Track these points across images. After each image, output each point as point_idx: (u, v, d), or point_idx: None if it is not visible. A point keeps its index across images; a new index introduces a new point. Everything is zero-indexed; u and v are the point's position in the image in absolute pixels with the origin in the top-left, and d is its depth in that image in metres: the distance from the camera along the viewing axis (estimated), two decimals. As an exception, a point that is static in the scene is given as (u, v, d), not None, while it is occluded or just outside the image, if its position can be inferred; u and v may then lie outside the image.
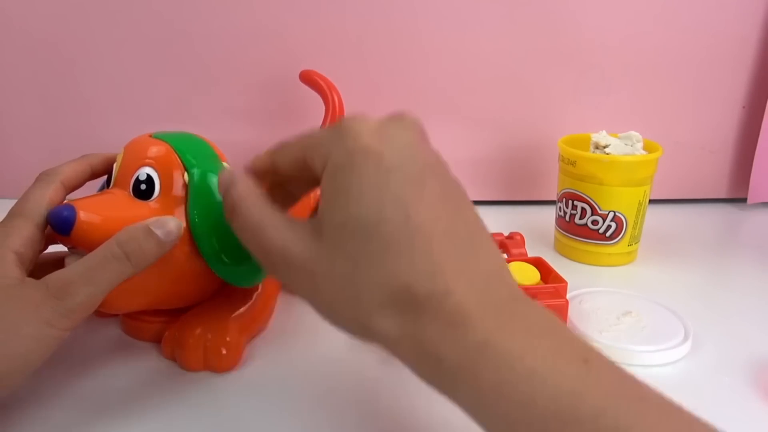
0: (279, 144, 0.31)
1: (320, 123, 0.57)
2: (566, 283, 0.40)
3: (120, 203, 0.34)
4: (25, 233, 0.32)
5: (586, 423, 0.21)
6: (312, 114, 0.58)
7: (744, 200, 0.66)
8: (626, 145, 0.51)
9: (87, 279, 0.30)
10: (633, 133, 0.51)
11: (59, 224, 0.32)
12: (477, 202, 0.32)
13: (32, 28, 0.59)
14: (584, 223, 0.51)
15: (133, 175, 0.35)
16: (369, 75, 0.61)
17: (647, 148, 0.52)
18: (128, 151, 0.37)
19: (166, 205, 0.35)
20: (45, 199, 0.33)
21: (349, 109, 0.62)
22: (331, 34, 0.60)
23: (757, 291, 0.47)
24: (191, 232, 0.35)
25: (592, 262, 0.51)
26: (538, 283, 0.41)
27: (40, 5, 0.58)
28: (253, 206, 0.28)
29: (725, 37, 0.61)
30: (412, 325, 0.24)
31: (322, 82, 0.57)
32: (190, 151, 0.37)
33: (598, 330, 0.39)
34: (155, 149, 0.36)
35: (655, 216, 0.56)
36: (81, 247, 0.32)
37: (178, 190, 0.36)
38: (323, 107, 0.57)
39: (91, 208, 0.32)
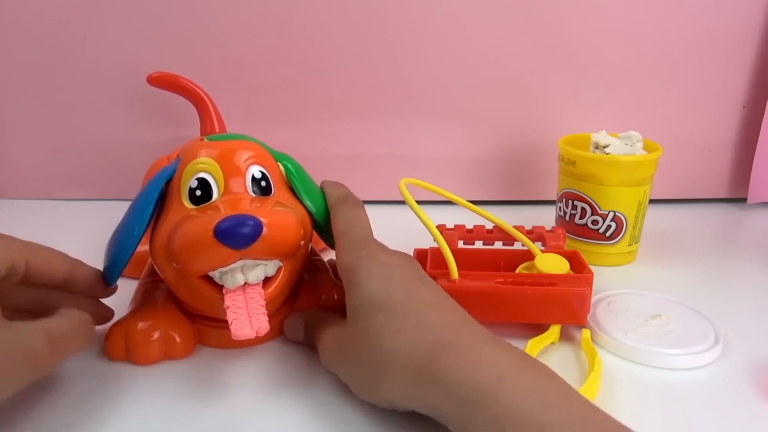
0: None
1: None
2: (592, 274, 0.39)
3: (268, 206, 0.34)
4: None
5: None
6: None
7: (744, 200, 0.66)
8: (626, 145, 0.51)
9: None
10: (633, 133, 0.51)
11: (249, 235, 0.30)
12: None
13: (32, 28, 0.59)
14: (584, 223, 0.51)
15: (243, 177, 0.35)
16: (369, 75, 0.61)
17: (647, 148, 0.52)
18: (222, 156, 0.35)
19: (284, 197, 0.36)
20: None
21: (349, 109, 0.62)
22: (330, 34, 0.60)
23: (758, 291, 0.48)
24: (310, 217, 0.37)
25: (592, 262, 0.51)
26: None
27: (41, 5, 0.58)
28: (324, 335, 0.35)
29: (725, 37, 0.61)
30: (427, 364, 0.27)
31: (187, 85, 0.53)
32: (265, 147, 0.38)
33: (623, 331, 0.39)
34: (253, 148, 0.36)
35: (655, 216, 0.56)
36: (256, 256, 0.32)
37: (283, 181, 0.37)
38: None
39: (264, 216, 0.31)
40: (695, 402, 0.34)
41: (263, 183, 0.36)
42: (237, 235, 0.30)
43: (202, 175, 0.34)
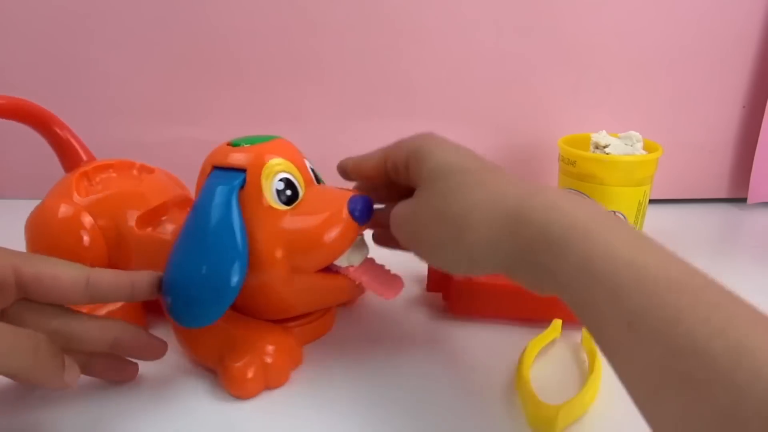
0: (360, 156, 0.38)
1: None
2: None
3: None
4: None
5: (693, 291, 0.23)
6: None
7: (744, 200, 0.66)
8: (626, 145, 0.51)
9: None
10: (633, 133, 0.51)
11: (371, 211, 0.35)
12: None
13: (33, 28, 0.59)
14: (584, 223, 0.51)
15: (307, 169, 0.37)
16: (369, 75, 0.61)
17: (647, 148, 0.52)
18: (288, 155, 0.36)
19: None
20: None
21: (349, 109, 0.62)
22: (330, 33, 0.60)
23: (758, 291, 0.47)
24: None
25: (592, 262, 0.51)
26: None
27: (41, 4, 0.58)
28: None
29: (725, 37, 0.61)
30: (516, 207, 0.27)
31: (36, 111, 0.46)
32: None
33: None
34: (293, 146, 0.38)
35: (655, 216, 0.56)
36: (362, 230, 0.36)
37: None
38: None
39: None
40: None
41: (316, 172, 0.38)
42: (367, 212, 0.35)
43: (283, 175, 0.35)
